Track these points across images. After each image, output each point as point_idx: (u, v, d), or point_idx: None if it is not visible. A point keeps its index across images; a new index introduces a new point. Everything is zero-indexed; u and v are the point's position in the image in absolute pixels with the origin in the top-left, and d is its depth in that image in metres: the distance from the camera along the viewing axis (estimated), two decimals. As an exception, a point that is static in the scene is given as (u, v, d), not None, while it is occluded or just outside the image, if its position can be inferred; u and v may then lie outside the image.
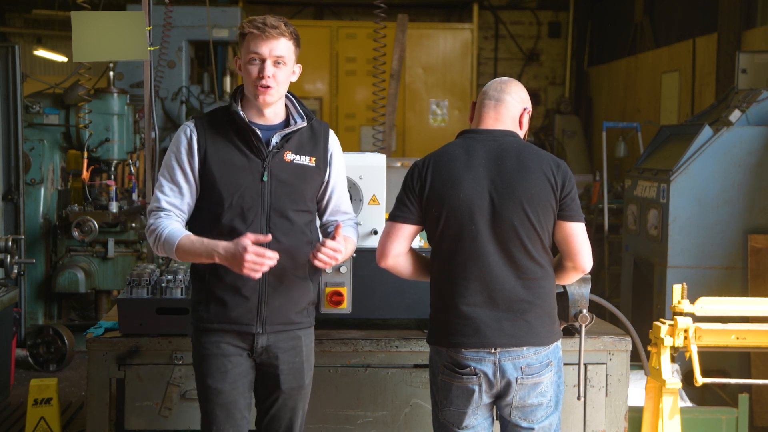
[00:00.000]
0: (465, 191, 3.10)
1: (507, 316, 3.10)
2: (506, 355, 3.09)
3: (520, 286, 3.11)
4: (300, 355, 3.24)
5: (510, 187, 3.09)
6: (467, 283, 3.11)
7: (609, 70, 12.97)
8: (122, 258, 7.37)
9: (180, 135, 3.20)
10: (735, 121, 6.20)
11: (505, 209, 3.08)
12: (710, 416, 4.72)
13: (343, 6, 14.42)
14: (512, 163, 3.12)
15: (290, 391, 3.24)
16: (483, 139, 3.19)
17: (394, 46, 8.30)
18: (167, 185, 3.19)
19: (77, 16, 4.59)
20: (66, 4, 11.49)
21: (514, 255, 3.10)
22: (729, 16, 8.90)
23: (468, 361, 3.10)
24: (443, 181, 3.12)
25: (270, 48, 3.09)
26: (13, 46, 6.85)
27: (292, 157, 3.17)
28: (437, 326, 3.18)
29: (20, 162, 6.84)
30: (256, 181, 3.13)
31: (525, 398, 3.13)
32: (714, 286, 6.03)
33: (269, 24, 3.09)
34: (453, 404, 3.15)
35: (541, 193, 3.10)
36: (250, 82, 3.12)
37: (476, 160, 3.13)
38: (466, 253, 3.11)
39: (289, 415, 3.27)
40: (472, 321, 3.09)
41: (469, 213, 3.09)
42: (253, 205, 3.12)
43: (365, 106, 12.67)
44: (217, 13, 9.58)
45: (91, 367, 3.74)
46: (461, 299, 3.11)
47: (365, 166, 3.79)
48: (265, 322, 3.16)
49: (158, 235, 3.12)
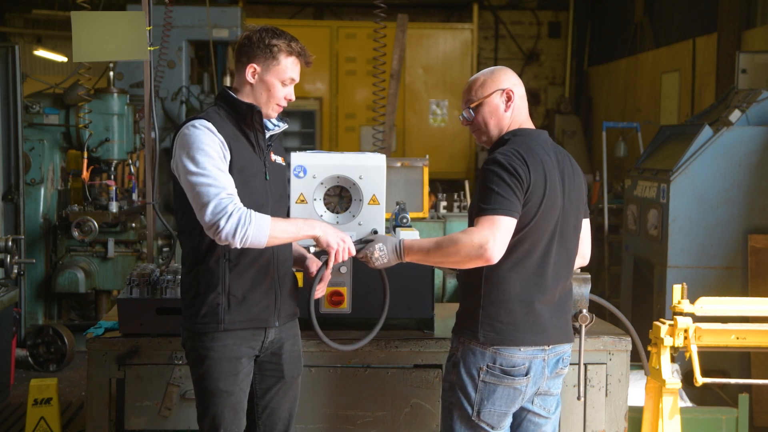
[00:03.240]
0: (554, 191, 3.07)
1: (559, 313, 3.16)
2: (553, 351, 3.13)
3: (568, 284, 3.21)
4: (298, 343, 3.40)
5: (571, 189, 3.17)
6: (538, 281, 3.07)
7: (609, 70, 12.98)
8: (122, 258, 7.37)
9: (203, 132, 3.04)
10: (735, 121, 6.20)
11: (569, 211, 3.15)
12: (710, 416, 4.72)
13: (343, 6, 14.42)
14: (567, 166, 3.19)
15: (291, 380, 3.36)
16: (544, 141, 3.18)
17: (394, 46, 8.30)
18: (221, 173, 3.00)
19: (77, 16, 4.59)
20: (66, 4, 11.49)
21: (571, 255, 3.19)
22: (729, 16, 8.90)
23: (522, 359, 3.06)
24: (539, 180, 3.02)
25: (299, 72, 3.24)
26: (13, 46, 6.85)
27: (275, 157, 3.31)
28: (491, 325, 3.06)
29: (20, 162, 6.84)
30: (263, 180, 3.21)
31: (549, 387, 3.19)
32: (714, 286, 6.03)
33: (308, 54, 3.24)
34: (496, 405, 3.09)
35: (583, 194, 3.25)
36: (273, 99, 3.19)
37: (548, 162, 3.09)
38: (541, 252, 3.06)
39: (287, 405, 3.36)
40: (538, 318, 3.08)
41: (554, 213, 3.08)
42: (264, 203, 3.17)
43: (365, 106, 12.67)
44: (217, 13, 9.58)
45: (91, 367, 3.74)
46: (531, 297, 3.06)
47: (365, 166, 3.78)
48: (280, 314, 3.26)
49: (243, 219, 2.92)
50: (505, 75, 3.20)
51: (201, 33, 9.54)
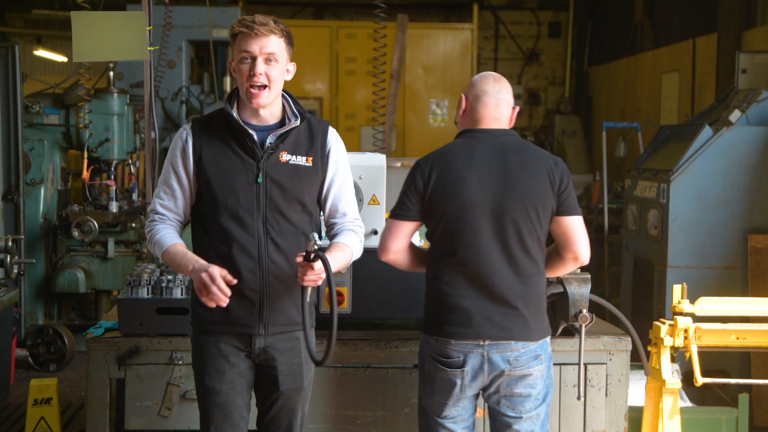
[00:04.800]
0: (469, 190, 3.18)
1: (501, 310, 3.19)
2: (494, 348, 3.18)
3: (516, 282, 3.20)
4: (299, 356, 3.23)
5: (513, 185, 3.19)
6: (466, 277, 3.20)
7: (609, 70, 12.97)
8: (122, 258, 7.37)
9: (176, 139, 3.21)
10: (735, 121, 6.20)
11: (508, 207, 3.18)
12: (710, 416, 4.72)
13: (343, 6, 14.42)
14: (515, 162, 3.22)
15: (289, 392, 3.23)
16: (486, 139, 3.27)
17: (394, 46, 8.30)
18: (162, 189, 3.23)
19: (77, 16, 4.59)
20: (66, 4, 11.48)
21: (513, 251, 3.20)
22: (729, 16, 8.90)
23: (456, 352, 3.19)
24: (447, 181, 3.20)
25: (260, 45, 3.08)
26: (13, 46, 6.85)
27: (288, 157, 3.15)
28: (431, 317, 3.27)
29: (20, 162, 6.84)
30: (251, 182, 3.11)
31: (513, 387, 3.21)
32: (714, 286, 6.02)
33: (258, 22, 3.09)
34: (435, 394, 3.25)
35: (542, 191, 3.20)
36: (242, 82, 3.11)
37: (480, 159, 3.21)
38: (467, 249, 3.19)
39: (288, 416, 3.27)
40: (467, 313, 3.18)
41: (473, 211, 3.18)
42: (248, 207, 3.11)
43: (365, 106, 12.67)
44: (217, 13, 9.58)
45: (91, 367, 3.74)
46: (459, 291, 3.20)
47: (365, 166, 3.79)
48: (267, 323, 3.15)
49: (150, 239, 3.21)
50: (467, 85, 3.41)
51: (201, 33, 9.54)
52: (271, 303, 3.15)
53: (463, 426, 3.29)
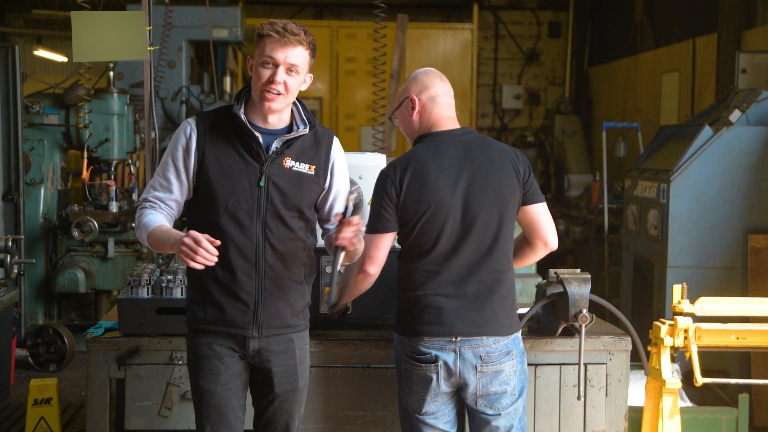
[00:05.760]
0: (440, 193, 3.22)
1: (472, 306, 3.23)
2: (466, 343, 3.22)
3: (488, 278, 3.25)
4: (293, 357, 3.23)
5: (482, 184, 3.24)
6: (438, 277, 3.24)
7: (609, 70, 12.97)
8: (122, 258, 7.37)
9: (180, 133, 3.18)
10: (735, 121, 6.20)
11: (479, 206, 3.23)
12: (710, 416, 4.72)
13: (343, 6, 14.42)
14: (480, 161, 3.27)
15: (284, 394, 3.24)
16: (448, 141, 3.31)
17: (394, 46, 8.30)
18: (158, 180, 3.21)
19: (77, 16, 4.60)
20: (66, 4, 11.48)
21: (486, 248, 3.25)
22: (729, 16, 8.90)
23: (429, 349, 3.22)
24: (417, 186, 3.22)
25: (285, 54, 3.06)
26: (13, 46, 6.85)
27: (292, 163, 3.14)
28: (404, 317, 3.31)
29: (20, 162, 6.84)
30: (253, 185, 3.10)
31: (488, 386, 3.25)
32: (714, 286, 6.03)
33: (289, 30, 3.05)
34: (413, 391, 3.29)
35: (510, 186, 3.27)
36: (258, 85, 3.08)
37: (447, 162, 3.25)
38: (439, 250, 3.23)
39: (284, 417, 3.27)
40: (439, 311, 3.22)
41: (445, 214, 3.22)
42: (248, 210, 3.10)
43: (365, 106, 12.67)
44: (217, 13, 9.58)
45: (91, 367, 3.74)
46: (431, 292, 3.23)
47: (365, 166, 3.80)
48: (261, 326, 3.15)
49: (138, 223, 3.16)
50: (412, 83, 3.39)
51: (201, 33, 9.54)
52: (265, 306, 3.15)
53: (444, 421, 3.32)
